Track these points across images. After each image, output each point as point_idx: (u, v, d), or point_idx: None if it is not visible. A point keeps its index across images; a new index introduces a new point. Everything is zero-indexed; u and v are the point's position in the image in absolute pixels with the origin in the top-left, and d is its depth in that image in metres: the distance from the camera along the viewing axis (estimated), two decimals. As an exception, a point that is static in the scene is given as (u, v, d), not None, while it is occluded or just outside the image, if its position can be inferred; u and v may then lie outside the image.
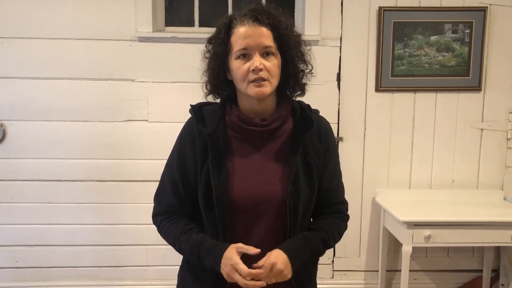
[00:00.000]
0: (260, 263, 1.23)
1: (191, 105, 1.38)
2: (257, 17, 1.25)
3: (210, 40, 1.33)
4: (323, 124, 1.39)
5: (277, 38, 1.27)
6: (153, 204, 1.44)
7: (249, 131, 1.31)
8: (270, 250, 1.26)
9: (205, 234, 1.32)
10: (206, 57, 1.34)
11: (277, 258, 1.23)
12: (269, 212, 1.27)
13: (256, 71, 1.22)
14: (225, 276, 1.24)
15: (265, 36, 1.24)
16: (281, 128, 1.33)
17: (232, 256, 1.22)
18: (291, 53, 1.30)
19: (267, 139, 1.33)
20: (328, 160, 1.37)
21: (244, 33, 1.24)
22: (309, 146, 1.33)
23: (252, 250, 1.23)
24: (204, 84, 1.36)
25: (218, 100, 1.40)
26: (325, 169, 1.36)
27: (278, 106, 1.34)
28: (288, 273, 1.25)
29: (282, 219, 1.28)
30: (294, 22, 1.33)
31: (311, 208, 1.37)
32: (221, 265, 1.23)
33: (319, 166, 1.34)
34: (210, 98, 1.39)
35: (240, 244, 1.24)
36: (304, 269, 1.35)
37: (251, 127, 1.31)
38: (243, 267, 1.20)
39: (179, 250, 1.36)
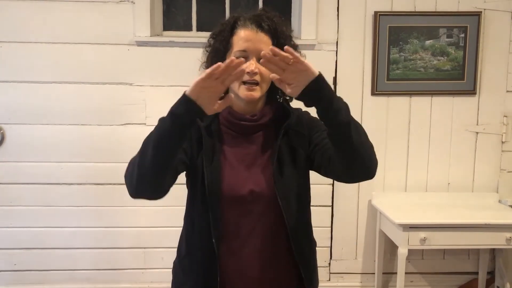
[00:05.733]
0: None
1: None
2: (261, 23, 1.31)
3: (213, 36, 1.38)
4: (304, 115, 1.42)
5: (276, 46, 1.30)
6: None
7: (240, 125, 1.36)
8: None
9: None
10: (207, 51, 1.39)
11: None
12: (258, 204, 1.31)
13: (251, 74, 1.27)
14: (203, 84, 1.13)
15: (264, 42, 1.30)
16: (271, 123, 1.38)
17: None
18: None
19: (257, 134, 1.38)
20: (317, 128, 1.37)
21: (245, 36, 1.30)
22: (292, 134, 1.37)
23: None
24: None
25: None
26: (317, 132, 1.36)
27: (266, 104, 1.39)
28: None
29: (272, 210, 1.32)
30: (292, 31, 1.38)
31: (306, 195, 1.40)
32: (191, 93, 1.14)
33: (305, 145, 1.37)
34: None
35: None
36: (307, 266, 1.38)
37: (241, 121, 1.36)
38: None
39: (154, 146, 1.30)
